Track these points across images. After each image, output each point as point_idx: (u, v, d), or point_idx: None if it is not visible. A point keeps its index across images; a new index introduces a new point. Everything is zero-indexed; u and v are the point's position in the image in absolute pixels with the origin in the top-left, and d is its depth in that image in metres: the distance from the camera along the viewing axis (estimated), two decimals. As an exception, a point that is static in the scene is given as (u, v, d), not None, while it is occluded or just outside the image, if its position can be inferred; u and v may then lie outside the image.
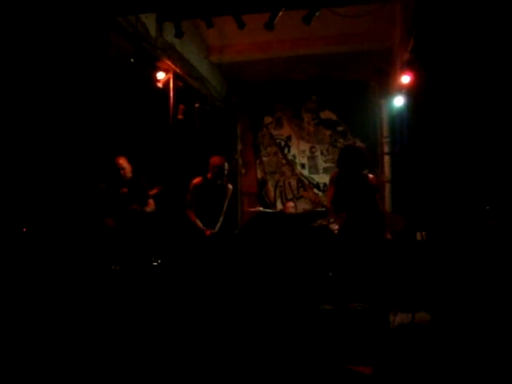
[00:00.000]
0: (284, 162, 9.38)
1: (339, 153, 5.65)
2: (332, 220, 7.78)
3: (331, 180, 5.34)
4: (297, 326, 4.29)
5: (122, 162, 5.92)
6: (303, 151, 9.36)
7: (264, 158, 9.48)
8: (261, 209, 8.58)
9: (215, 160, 5.90)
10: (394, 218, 7.15)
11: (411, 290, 4.91)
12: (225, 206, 6.05)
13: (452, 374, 3.22)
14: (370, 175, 5.33)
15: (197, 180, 5.94)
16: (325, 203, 8.93)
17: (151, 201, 5.96)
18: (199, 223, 5.82)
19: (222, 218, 6.01)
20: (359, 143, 5.76)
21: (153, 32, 6.15)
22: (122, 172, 5.88)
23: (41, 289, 4.39)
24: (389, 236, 5.40)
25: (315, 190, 9.18)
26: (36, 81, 4.84)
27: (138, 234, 5.73)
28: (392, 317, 4.57)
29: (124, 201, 5.74)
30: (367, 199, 5.10)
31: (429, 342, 3.71)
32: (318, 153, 9.30)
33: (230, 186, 6.16)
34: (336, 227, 6.48)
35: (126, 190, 5.81)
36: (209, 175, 5.90)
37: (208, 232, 5.81)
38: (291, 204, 8.26)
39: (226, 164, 5.93)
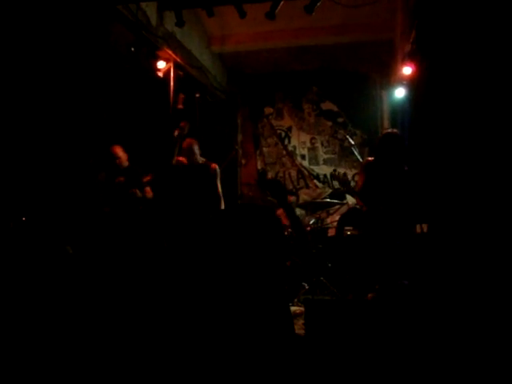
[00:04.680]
0: (284, 152, 9.36)
1: (379, 140, 5.06)
2: (332, 211, 7.80)
3: (362, 167, 5.04)
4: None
5: (118, 150, 5.87)
6: (303, 142, 9.33)
7: (264, 149, 9.46)
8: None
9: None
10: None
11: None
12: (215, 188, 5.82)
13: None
14: (406, 167, 4.92)
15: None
16: (324, 195, 8.95)
17: (148, 188, 5.91)
18: None
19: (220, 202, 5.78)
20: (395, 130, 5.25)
21: (153, 21, 6.12)
22: (117, 161, 5.84)
23: (37, 281, 4.38)
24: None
25: (315, 182, 9.16)
26: (36, 70, 4.81)
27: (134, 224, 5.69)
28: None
29: (121, 190, 5.71)
30: (403, 196, 4.70)
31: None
32: (318, 144, 9.28)
33: (215, 166, 5.91)
34: (336, 218, 6.47)
35: (122, 178, 5.77)
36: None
37: None
38: (292, 198, 8.13)
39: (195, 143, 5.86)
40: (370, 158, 5.06)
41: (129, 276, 4.93)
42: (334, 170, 9.09)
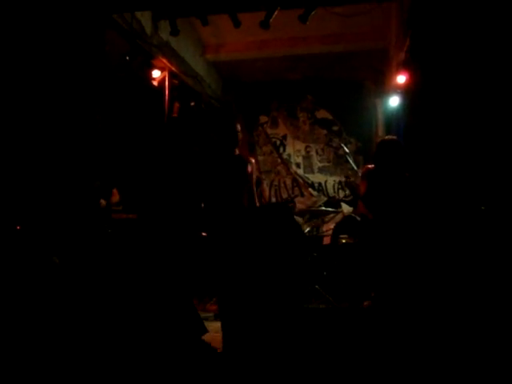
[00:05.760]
0: (279, 161, 9.36)
1: (376, 147, 5.04)
2: (327, 219, 7.81)
3: (363, 175, 4.96)
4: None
5: None
6: (298, 150, 9.35)
7: (259, 157, 9.45)
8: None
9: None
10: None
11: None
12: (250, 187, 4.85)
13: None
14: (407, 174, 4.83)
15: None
16: (319, 203, 8.96)
17: (115, 190, 5.81)
18: None
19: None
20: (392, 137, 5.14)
21: (148, 30, 6.13)
22: None
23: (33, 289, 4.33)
24: None
25: (310, 190, 9.17)
26: (32, 79, 4.81)
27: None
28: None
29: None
30: (405, 205, 4.58)
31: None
32: (313, 152, 9.30)
33: (253, 160, 5.07)
34: (331, 226, 6.47)
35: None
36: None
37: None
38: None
39: (239, 126, 4.89)
40: (370, 166, 5.00)
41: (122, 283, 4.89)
42: (347, 177, 9.04)
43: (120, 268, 4.94)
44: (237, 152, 4.76)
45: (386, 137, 5.21)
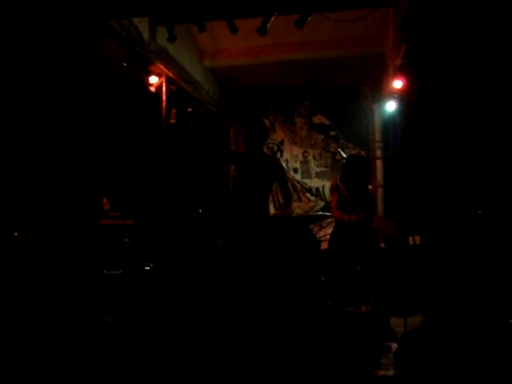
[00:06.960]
0: (277, 166, 9.36)
1: (346, 161, 5.38)
2: (324, 224, 7.81)
3: (332, 187, 5.13)
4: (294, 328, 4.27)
5: None
6: (296, 156, 9.36)
7: (257, 163, 9.45)
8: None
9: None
10: (387, 223, 7.18)
11: (403, 295, 4.92)
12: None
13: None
14: (370, 186, 5.25)
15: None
16: (317, 208, 8.96)
17: (105, 199, 5.84)
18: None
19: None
20: (363, 152, 5.52)
21: (146, 36, 6.15)
22: None
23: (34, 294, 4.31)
24: (382, 244, 5.38)
25: (308, 195, 9.18)
26: (29, 86, 4.81)
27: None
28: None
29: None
30: (368, 208, 4.99)
31: (423, 344, 3.72)
32: (310, 157, 9.32)
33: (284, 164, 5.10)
34: (329, 231, 6.47)
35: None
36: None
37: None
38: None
39: (267, 122, 5.01)
40: (338, 178, 5.22)
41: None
42: None
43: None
44: (265, 151, 4.96)
45: (355, 152, 5.70)
